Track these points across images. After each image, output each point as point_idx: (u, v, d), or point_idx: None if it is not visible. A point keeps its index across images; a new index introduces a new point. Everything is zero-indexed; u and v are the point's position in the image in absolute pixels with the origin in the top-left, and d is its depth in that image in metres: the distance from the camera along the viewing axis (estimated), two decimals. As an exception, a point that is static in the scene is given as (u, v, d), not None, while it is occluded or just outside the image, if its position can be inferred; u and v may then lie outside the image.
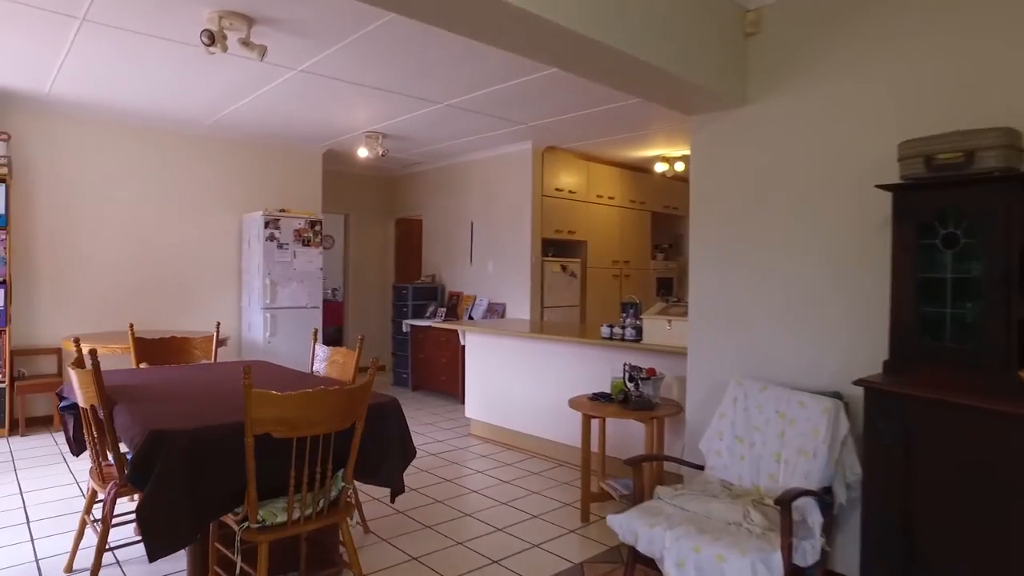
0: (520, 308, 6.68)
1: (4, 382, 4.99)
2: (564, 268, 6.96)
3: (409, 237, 8.74)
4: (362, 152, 6.34)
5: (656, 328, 3.70)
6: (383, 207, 8.67)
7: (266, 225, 6.03)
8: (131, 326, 3.70)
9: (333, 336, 10.97)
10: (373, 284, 8.58)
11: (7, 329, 4.99)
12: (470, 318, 6.81)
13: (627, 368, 3.50)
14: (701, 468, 2.83)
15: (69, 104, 5.26)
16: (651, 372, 3.51)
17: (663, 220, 8.59)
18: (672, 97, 3.04)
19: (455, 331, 6.47)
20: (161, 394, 2.75)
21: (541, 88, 4.70)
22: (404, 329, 7.29)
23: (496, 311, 6.88)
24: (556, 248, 7.19)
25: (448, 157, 7.44)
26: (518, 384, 4.86)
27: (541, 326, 5.32)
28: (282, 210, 6.26)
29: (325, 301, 11.32)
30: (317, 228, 6.36)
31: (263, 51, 3.52)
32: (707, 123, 3.23)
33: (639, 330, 3.77)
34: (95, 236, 5.67)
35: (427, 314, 7.35)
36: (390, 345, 7.84)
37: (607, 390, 3.69)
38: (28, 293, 5.37)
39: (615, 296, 7.64)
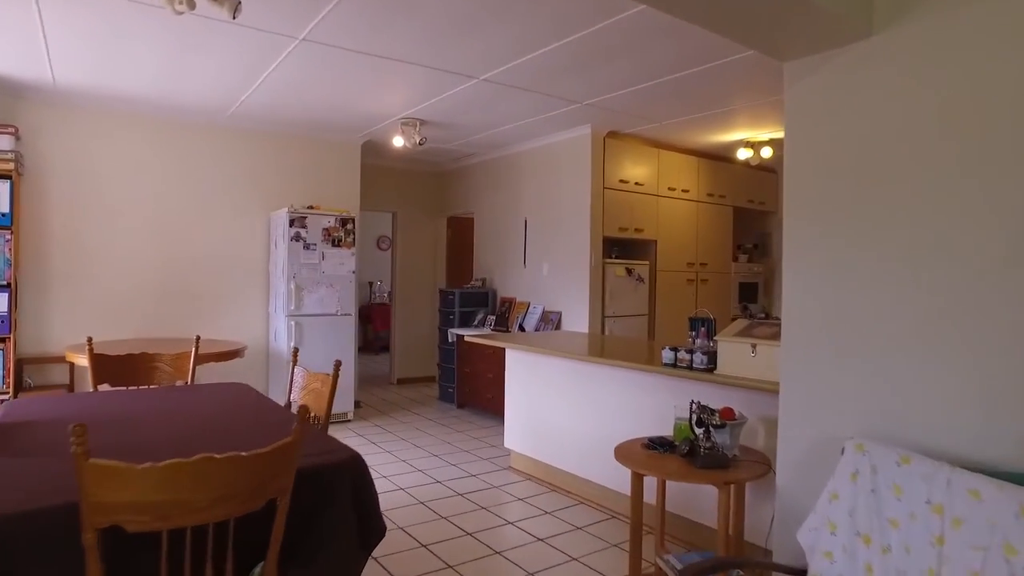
0: (578, 318, 5.82)
1: (8, 393, 4.62)
2: (629, 271, 6.04)
3: (462, 237, 8.04)
4: (397, 141, 5.67)
5: (736, 354, 2.76)
6: (433, 204, 8.01)
7: (291, 224, 5.45)
8: (89, 340, 3.13)
9: (384, 341, 10.47)
10: (423, 287, 7.93)
11: (11, 336, 4.61)
12: (521, 328, 6.01)
13: (695, 407, 2.59)
14: (801, 574, 1.90)
15: (77, 94, 4.85)
16: (727, 414, 2.58)
17: (747, 216, 7.48)
18: (773, 24, 2.12)
19: (496, 347, 5.68)
20: (29, 442, 2.08)
21: (597, 51, 3.83)
22: (450, 339, 6.57)
23: (551, 321, 6.05)
24: (620, 248, 6.27)
25: (499, 147, 6.67)
26: (563, 414, 4.02)
27: (600, 346, 4.45)
28: (310, 207, 5.67)
29: (380, 304, 10.88)
30: (350, 227, 5.74)
31: (235, 6, 2.86)
32: (812, 69, 2.29)
33: (712, 356, 2.84)
34: (113, 236, 5.27)
35: (475, 322, 6.60)
36: (436, 355, 7.15)
37: (670, 431, 2.80)
38: (40, 297, 5.01)
39: (689, 304, 6.62)
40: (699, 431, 2.56)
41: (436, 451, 4.91)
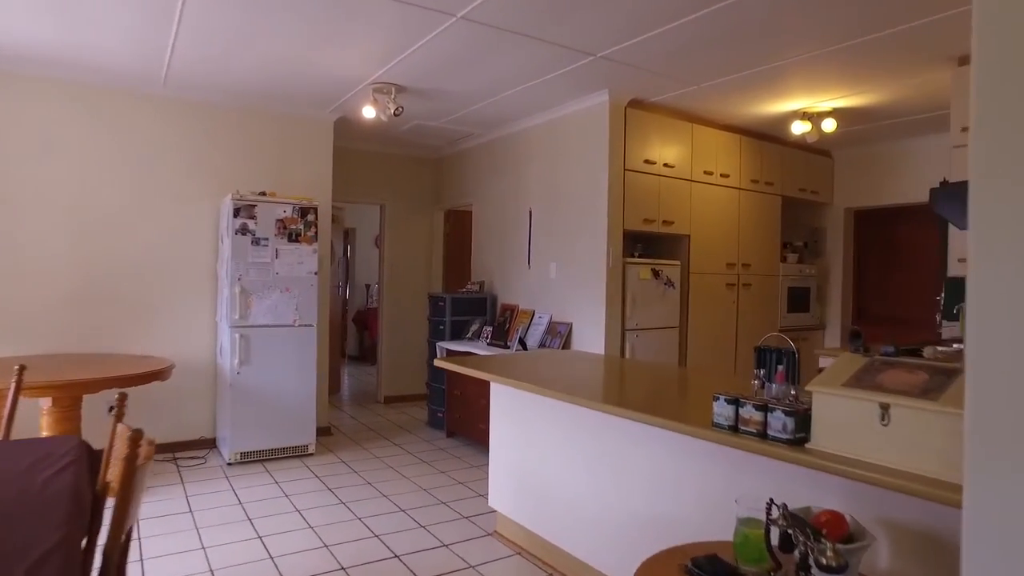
0: (592, 331, 4.70)
1: None
2: (656, 273, 4.90)
3: (462, 233, 6.95)
4: (368, 112, 4.60)
5: (850, 419, 1.61)
6: (428, 195, 6.94)
7: (236, 213, 4.42)
8: None
9: (368, 351, 9.44)
10: (416, 291, 6.86)
11: None
12: (522, 344, 4.90)
13: (779, 514, 1.47)
14: None
15: (-35, 48, 3.88)
16: (834, 526, 1.46)
17: (796, 208, 6.28)
18: None
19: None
20: None
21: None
22: (439, 354, 5.49)
23: (558, 334, 4.93)
24: (645, 245, 5.14)
25: (499, 125, 5.57)
26: (567, 476, 2.90)
27: (620, 382, 3.34)
28: (262, 193, 4.63)
29: (376, 309, 9.83)
30: (312, 218, 4.68)
31: None
32: None
33: (802, 419, 1.69)
34: (17, 232, 4.28)
35: (468, 334, 5.51)
36: (427, 372, 6.07)
37: (726, 530, 1.68)
38: (-78, 304, 4.04)
39: (728, 314, 5.45)
40: (783, 553, 1.44)
41: (407, 503, 3.83)
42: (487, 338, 5.28)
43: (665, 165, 4.92)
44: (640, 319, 4.79)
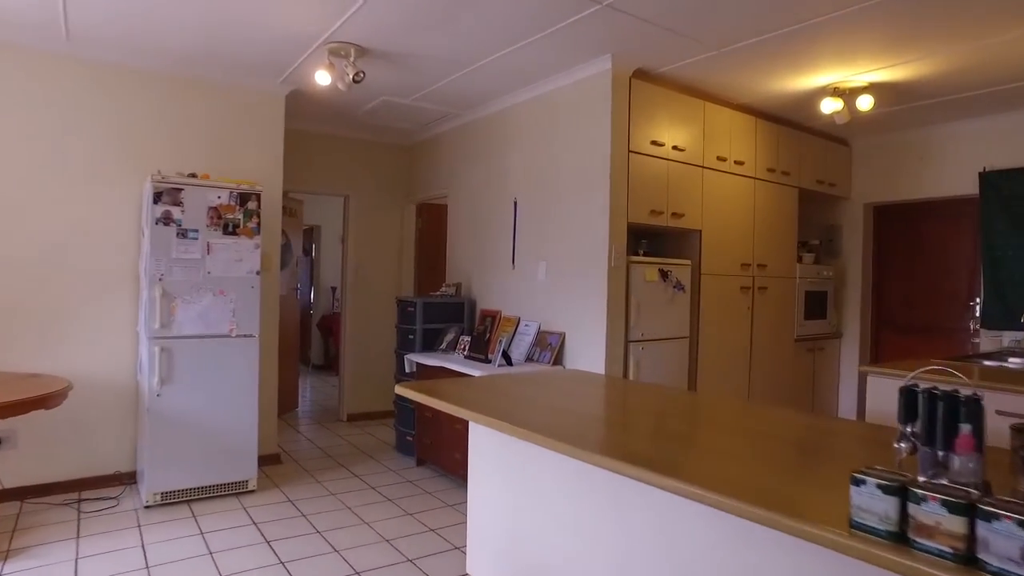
0: (590, 343, 3.96)
1: None
2: (665, 275, 4.18)
3: (436, 229, 6.18)
4: (322, 78, 3.81)
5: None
6: (398, 186, 6.15)
7: (156, 199, 3.59)
8: None
9: (334, 360, 8.61)
10: (384, 295, 6.06)
11: None
12: (506, 358, 4.13)
13: None
14: None
15: None
16: None
17: (812, 202, 5.62)
18: None
19: (470, 377, 3.83)
20: None
21: None
22: (407, 367, 4.70)
23: (549, 346, 4.18)
24: (650, 241, 4.42)
25: (480, 102, 4.81)
26: (572, 551, 2.15)
27: (644, 413, 2.60)
28: (191, 175, 3.81)
29: (335, 314, 8.97)
30: (254, 206, 3.87)
31: None
32: None
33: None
34: None
35: (442, 345, 4.73)
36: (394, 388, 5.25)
37: None
38: None
39: (743, 322, 4.75)
40: None
41: (365, 561, 3.04)
42: (464, 349, 4.51)
43: (674, 148, 4.20)
44: (646, 328, 4.07)
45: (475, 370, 3.89)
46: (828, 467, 1.56)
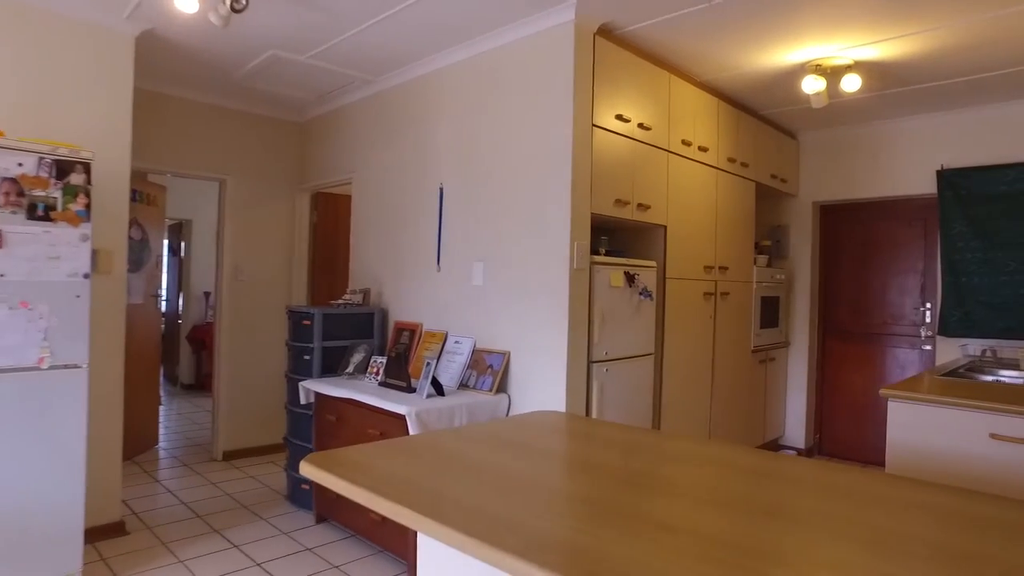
0: (544, 364, 3.14)
1: None
2: (631, 279, 3.44)
3: (336, 223, 5.15)
4: (187, 4, 2.73)
5: None
6: (288, 170, 5.05)
7: (-90, 163, 2.38)
8: None
9: (208, 378, 7.24)
10: (271, 303, 4.95)
11: None
12: (436, 387, 3.21)
13: None
14: None
15: None
16: None
17: (761, 199, 5.14)
18: None
19: (393, 414, 2.91)
20: None
21: None
22: (304, 399, 3.65)
23: (489, 369, 3.32)
24: (611, 238, 3.68)
25: (397, 64, 3.87)
26: None
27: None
28: (-25, 132, 2.62)
29: (208, 324, 7.60)
30: (78, 180, 2.72)
31: None
32: None
33: None
34: None
35: (348, 368, 3.73)
36: (285, 421, 4.18)
37: None
38: None
39: (706, 334, 4.12)
40: None
41: None
42: (377, 374, 3.54)
43: (640, 126, 3.48)
44: (610, 345, 3.31)
45: (396, 403, 2.95)
46: None
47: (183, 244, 7.78)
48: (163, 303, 6.02)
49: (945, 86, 3.99)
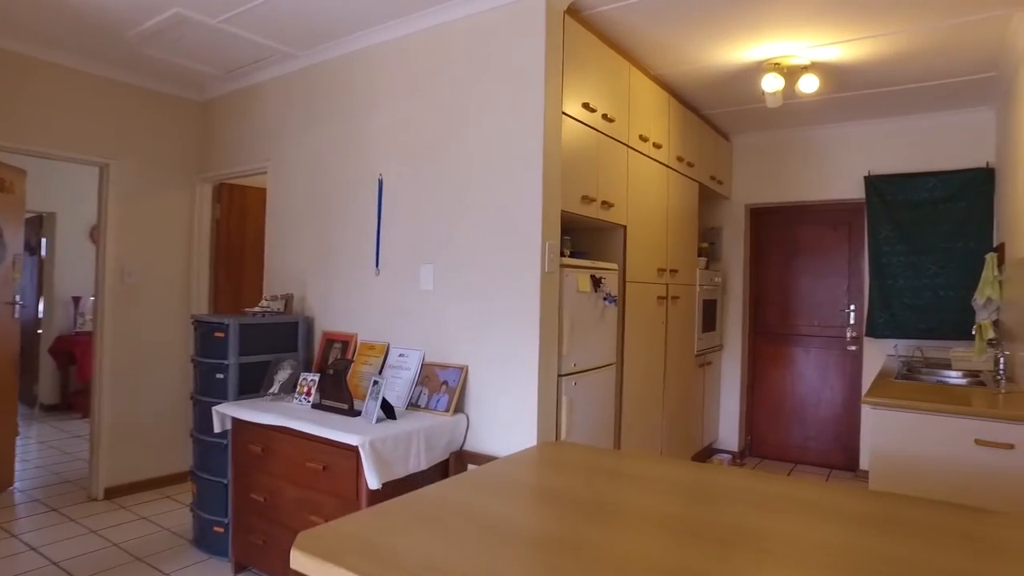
0: (510, 377, 2.79)
1: None
2: (597, 284, 3.16)
3: (244, 219, 4.53)
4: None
5: None
6: (186, 156, 4.36)
7: None
8: None
9: (77, 398, 6.23)
10: (167, 311, 4.24)
11: None
12: (385, 410, 2.77)
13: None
14: None
15: None
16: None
17: (702, 201, 5.07)
18: None
19: (339, 445, 2.46)
20: None
21: None
22: (219, 426, 3.07)
23: (443, 386, 2.93)
24: (573, 239, 3.40)
25: (332, 37, 3.37)
26: None
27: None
28: None
29: (79, 335, 6.59)
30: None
31: None
32: None
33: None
34: None
35: (272, 388, 3.19)
36: (190, 449, 3.54)
37: None
38: None
39: (658, 340, 3.95)
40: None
41: None
42: (309, 394, 3.03)
43: (604, 117, 3.21)
44: (578, 356, 3.01)
45: (343, 431, 2.49)
46: None
47: (43, 241, 6.69)
48: (19, 310, 5.07)
49: (879, 94, 4.05)
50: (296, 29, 3.26)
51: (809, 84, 3.50)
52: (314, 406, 2.94)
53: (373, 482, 2.36)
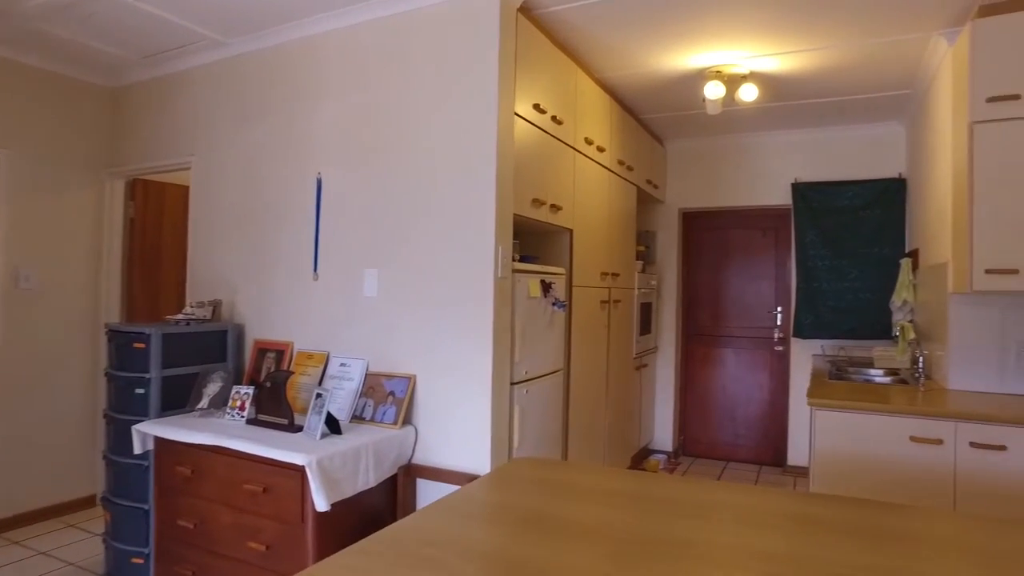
0: (463, 387, 2.69)
1: None
2: (547, 289, 3.10)
3: (163, 219, 4.19)
4: None
5: None
6: (96, 150, 3.98)
7: None
8: None
9: None
10: (70, 319, 3.85)
11: None
12: (331, 425, 2.60)
13: None
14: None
15: None
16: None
17: (638, 204, 5.13)
18: None
19: (282, 464, 2.29)
20: None
21: None
22: (139, 447, 2.79)
23: (389, 397, 2.79)
24: (522, 242, 3.33)
25: (269, 24, 3.15)
26: None
27: None
28: None
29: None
30: None
31: None
32: None
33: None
34: None
35: (201, 403, 2.94)
36: (101, 474, 3.21)
37: None
38: None
39: (601, 345, 3.95)
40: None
41: None
42: (242, 409, 2.81)
43: (553, 119, 3.17)
44: (529, 364, 2.95)
45: (286, 449, 2.31)
46: None
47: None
48: None
49: (807, 105, 4.22)
50: (228, 14, 3.02)
51: (749, 93, 3.59)
52: (249, 422, 2.73)
53: (321, 504, 2.20)
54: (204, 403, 2.90)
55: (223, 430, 2.57)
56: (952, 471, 2.53)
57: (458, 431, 2.68)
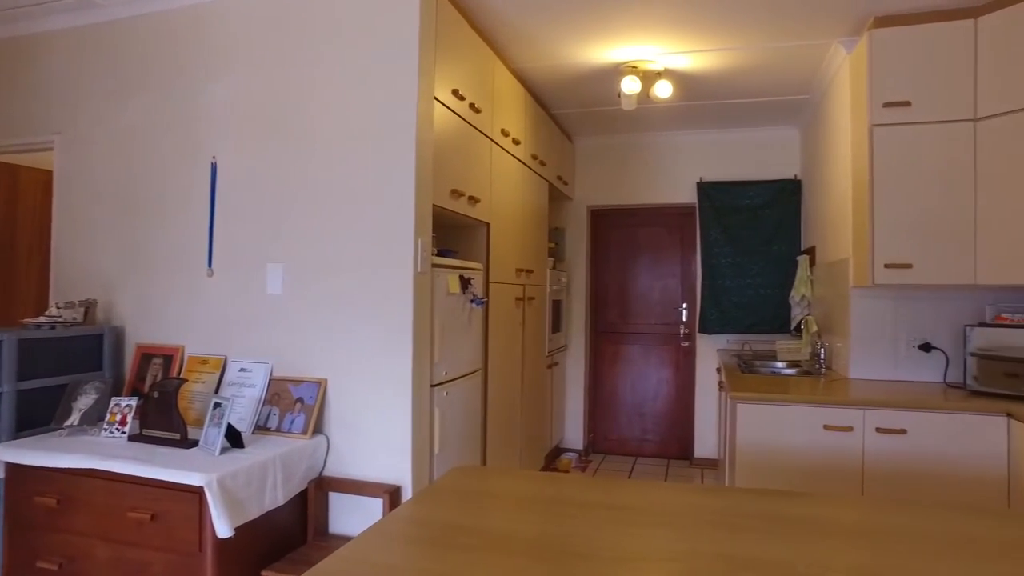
0: (379, 391, 2.49)
1: None
2: (466, 284, 2.95)
3: (16, 208, 3.65)
4: None
5: None
6: (-70, 127, 3.39)
7: None
8: None
9: None
10: None
11: None
12: (231, 438, 2.31)
13: None
14: None
15: None
16: None
17: (550, 201, 5.08)
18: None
19: (175, 487, 2.00)
20: None
21: None
22: (-11, 472, 2.37)
23: (298, 404, 2.54)
24: (438, 236, 3.16)
25: (139, -11, 2.79)
26: None
27: None
28: None
29: None
30: None
31: None
32: None
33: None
34: None
35: (69, 420, 2.55)
36: (-58, 504, 2.72)
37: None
38: None
39: (516, 343, 3.85)
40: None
41: None
42: (124, 423, 2.45)
43: (472, 107, 3.02)
44: (448, 364, 2.79)
45: (179, 468, 2.02)
46: None
47: None
48: None
49: (712, 106, 4.34)
50: (98, -27, 2.64)
51: (663, 89, 3.62)
52: (132, 438, 2.39)
53: (224, 530, 1.93)
54: (74, 419, 2.51)
55: (99, 450, 2.22)
56: (860, 456, 2.64)
57: (375, 439, 2.48)
